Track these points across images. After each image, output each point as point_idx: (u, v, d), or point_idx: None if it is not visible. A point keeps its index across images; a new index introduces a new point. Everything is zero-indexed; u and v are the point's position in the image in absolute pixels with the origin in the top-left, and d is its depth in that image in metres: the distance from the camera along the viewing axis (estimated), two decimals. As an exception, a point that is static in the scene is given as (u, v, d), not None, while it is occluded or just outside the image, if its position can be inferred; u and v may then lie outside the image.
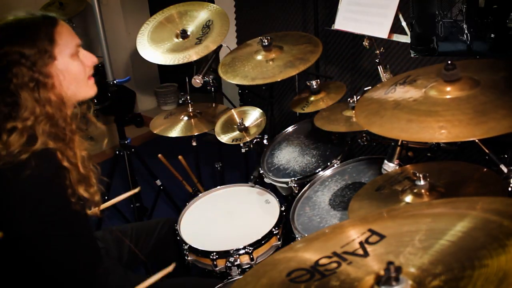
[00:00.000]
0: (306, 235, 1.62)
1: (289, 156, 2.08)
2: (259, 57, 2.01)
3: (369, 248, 0.76)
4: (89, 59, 1.33)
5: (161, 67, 4.38)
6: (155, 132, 2.41)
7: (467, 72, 1.19)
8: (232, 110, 2.27)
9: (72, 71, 1.27)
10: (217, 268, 1.73)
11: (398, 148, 1.44)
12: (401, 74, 1.37)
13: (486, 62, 1.29)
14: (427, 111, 1.11)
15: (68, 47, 1.26)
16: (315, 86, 2.05)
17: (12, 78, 1.18)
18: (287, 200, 2.09)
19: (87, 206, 1.33)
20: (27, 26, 1.23)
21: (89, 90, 1.34)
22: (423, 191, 1.23)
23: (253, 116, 2.19)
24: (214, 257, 1.71)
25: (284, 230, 1.85)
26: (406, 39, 1.68)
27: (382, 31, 1.73)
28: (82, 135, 1.32)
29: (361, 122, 1.25)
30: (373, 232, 0.80)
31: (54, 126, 1.22)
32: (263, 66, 1.95)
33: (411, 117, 1.12)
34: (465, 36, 1.48)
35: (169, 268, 1.43)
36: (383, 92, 1.31)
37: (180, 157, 2.44)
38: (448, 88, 1.14)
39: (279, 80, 1.85)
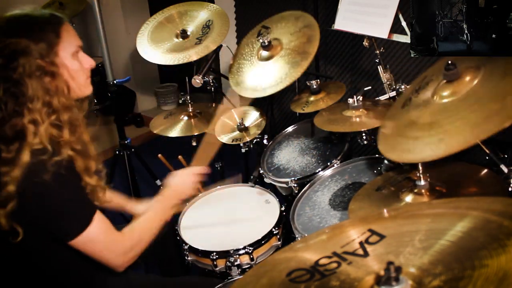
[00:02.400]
0: (306, 235, 1.62)
1: (289, 156, 2.08)
2: (262, 60, 2.01)
3: (369, 248, 0.76)
4: (87, 62, 1.37)
5: (161, 67, 4.38)
6: (155, 132, 2.41)
7: (468, 63, 1.17)
8: (232, 110, 2.27)
9: (71, 69, 1.30)
10: (217, 268, 1.73)
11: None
12: (418, 78, 1.35)
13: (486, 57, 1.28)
14: (430, 123, 1.10)
15: (70, 46, 1.30)
16: (315, 86, 2.05)
17: (17, 68, 1.20)
18: (287, 200, 2.09)
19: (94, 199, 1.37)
20: (36, 20, 1.26)
21: (85, 89, 1.38)
22: (423, 191, 1.23)
23: (253, 116, 2.19)
24: (214, 257, 1.71)
25: (284, 230, 1.85)
26: (406, 39, 1.68)
27: (382, 31, 1.73)
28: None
29: (381, 149, 1.21)
30: (373, 232, 0.80)
31: (71, 115, 1.27)
32: (268, 70, 1.96)
33: (417, 134, 1.11)
34: (465, 36, 1.48)
35: None
36: (400, 106, 1.29)
37: (180, 157, 2.44)
38: (450, 90, 1.13)
39: (287, 85, 1.86)
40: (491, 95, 1.03)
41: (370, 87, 2.01)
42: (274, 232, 1.76)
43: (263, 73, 1.98)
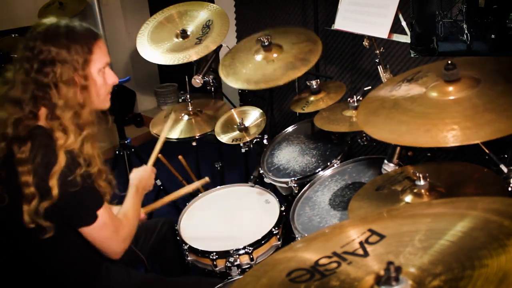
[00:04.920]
0: (306, 235, 1.62)
1: (289, 156, 2.08)
2: (259, 58, 2.01)
3: (369, 248, 0.76)
4: (111, 78, 1.43)
5: (161, 67, 4.38)
6: (155, 132, 2.41)
7: (469, 70, 1.18)
8: (232, 110, 2.27)
9: (95, 84, 1.36)
10: (217, 268, 1.73)
11: (398, 148, 1.44)
12: (412, 69, 1.36)
13: (489, 59, 1.29)
14: (420, 113, 1.11)
15: (100, 62, 1.36)
16: (315, 86, 2.05)
17: (49, 74, 1.25)
18: (287, 200, 2.09)
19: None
20: (74, 33, 1.31)
21: (105, 103, 1.45)
22: (423, 191, 1.23)
23: (253, 116, 2.19)
24: (214, 257, 1.71)
25: (284, 230, 1.85)
26: (406, 39, 1.68)
27: (382, 31, 1.73)
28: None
29: (360, 120, 1.24)
30: (373, 232, 0.80)
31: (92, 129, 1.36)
32: (264, 68, 1.95)
33: (403, 118, 1.11)
34: (465, 36, 1.48)
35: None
36: (389, 89, 1.30)
37: (180, 157, 2.44)
38: (447, 89, 1.14)
39: (282, 83, 1.86)
40: (487, 105, 1.04)
41: (370, 87, 2.00)
42: (274, 232, 1.76)
43: (258, 69, 1.97)
